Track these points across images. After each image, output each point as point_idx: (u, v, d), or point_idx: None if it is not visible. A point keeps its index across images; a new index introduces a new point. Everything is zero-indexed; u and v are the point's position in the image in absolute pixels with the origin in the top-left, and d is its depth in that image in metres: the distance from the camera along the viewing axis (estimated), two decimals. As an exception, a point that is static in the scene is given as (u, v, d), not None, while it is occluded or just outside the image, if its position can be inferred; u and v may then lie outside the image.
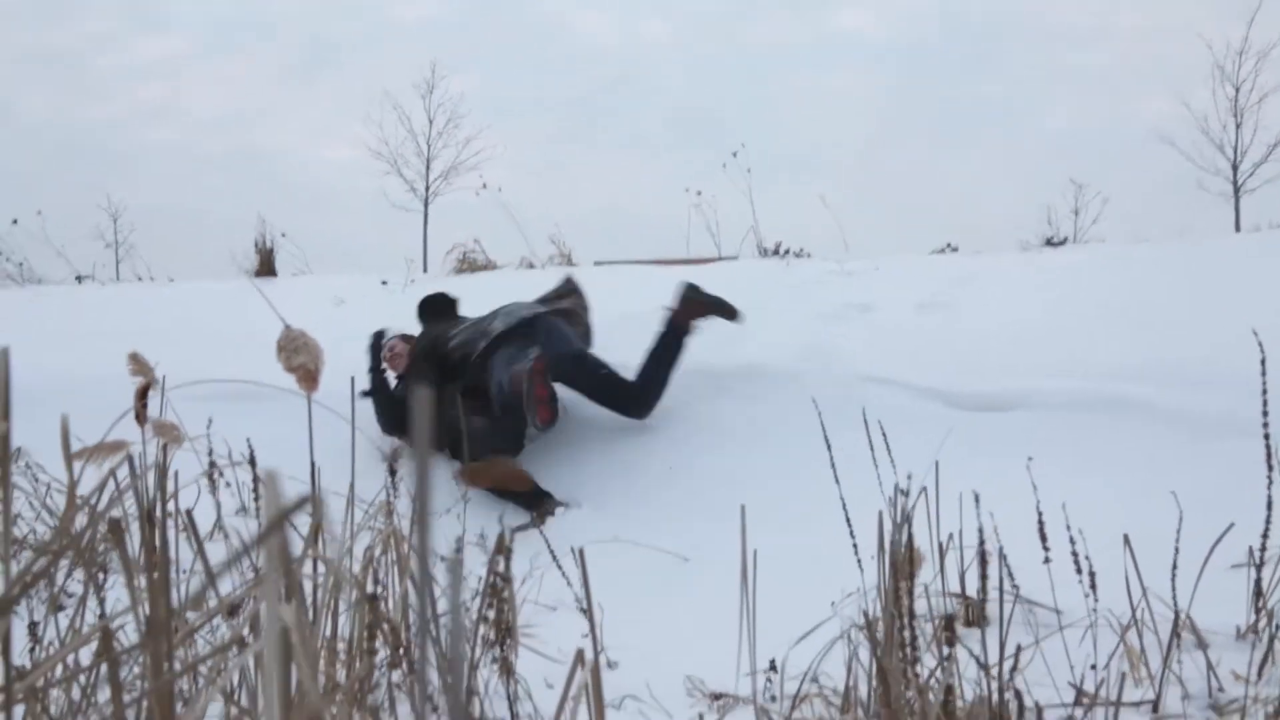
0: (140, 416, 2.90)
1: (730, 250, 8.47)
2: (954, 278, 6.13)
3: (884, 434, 2.82)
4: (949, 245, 8.05)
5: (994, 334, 5.04)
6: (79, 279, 8.93)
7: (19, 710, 1.24)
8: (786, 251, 7.63)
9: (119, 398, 4.13)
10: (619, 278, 7.11)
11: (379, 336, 5.10)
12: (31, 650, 1.82)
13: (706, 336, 5.29)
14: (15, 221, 8.74)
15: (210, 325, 6.48)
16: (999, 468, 3.32)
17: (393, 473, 2.85)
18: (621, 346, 5.15)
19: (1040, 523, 2.38)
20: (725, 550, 3.57)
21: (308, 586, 1.88)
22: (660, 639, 2.83)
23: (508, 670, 2.15)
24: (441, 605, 2.34)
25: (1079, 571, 2.38)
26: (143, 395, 3.12)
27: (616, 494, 4.08)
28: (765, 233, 8.12)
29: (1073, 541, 2.40)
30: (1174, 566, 2.27)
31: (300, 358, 1.38)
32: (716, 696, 2.39)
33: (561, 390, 4.58)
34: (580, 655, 1.23)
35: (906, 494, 2.24)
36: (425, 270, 9.13)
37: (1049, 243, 8.19)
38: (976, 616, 2.77)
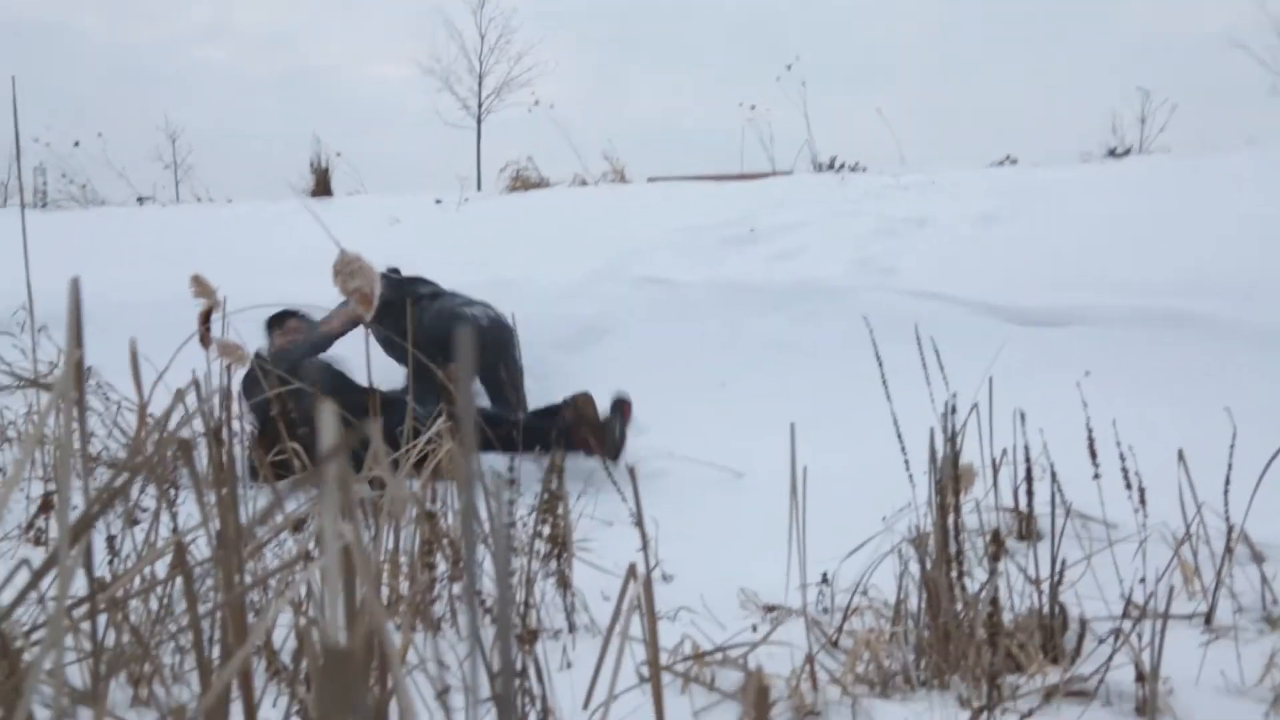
0: (204, 339, 2.97)
1: (784, 165, 8.37)
2: (1012, 190, 6.03)
3: (936, 351, 2.81)
4: (1008, 158, 7.88)
5: (1052, 248, 4.97)
6: (140, 200, 9.05)
7: (102, 620, 1.31)
8: (842, 166, 7.53)
9: (181, 318, 4.23)
10: (673, 194, 7.07)
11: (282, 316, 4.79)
12: (110, 563, 1.89)
13: (759, 251, 5.28)
14: (77, 144, 8.86)
15: (269, 246, 6.56)
16: (1054, 383, 3.31)
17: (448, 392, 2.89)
18: (676, 261, 5.16)
19: (1090, 439, 2.38)
20: (777, 465, 3.60)
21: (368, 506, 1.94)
22: (714, 553, 2.88)
23: (564, 583, 2.20)
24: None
25: (1129, 487, 2.38)
26: (206, 319, 3.19)
27: (670, 410, 4.10)
28: (820, 147, 8.02)
29: (1123, 457, 2.39)
30: (1227, 481, 2.26)
31: (356, 281, 1.41)
32: (769, 608, 2.44)
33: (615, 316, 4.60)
34: (633, 569, 1.26)
35: (955, 410, 2.25)
36: (479, 189, 9.12)
37: (1112, 153, 7.99)
38: (1028, 531, 2.79)
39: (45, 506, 2.67)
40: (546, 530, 2.16)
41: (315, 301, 5.05)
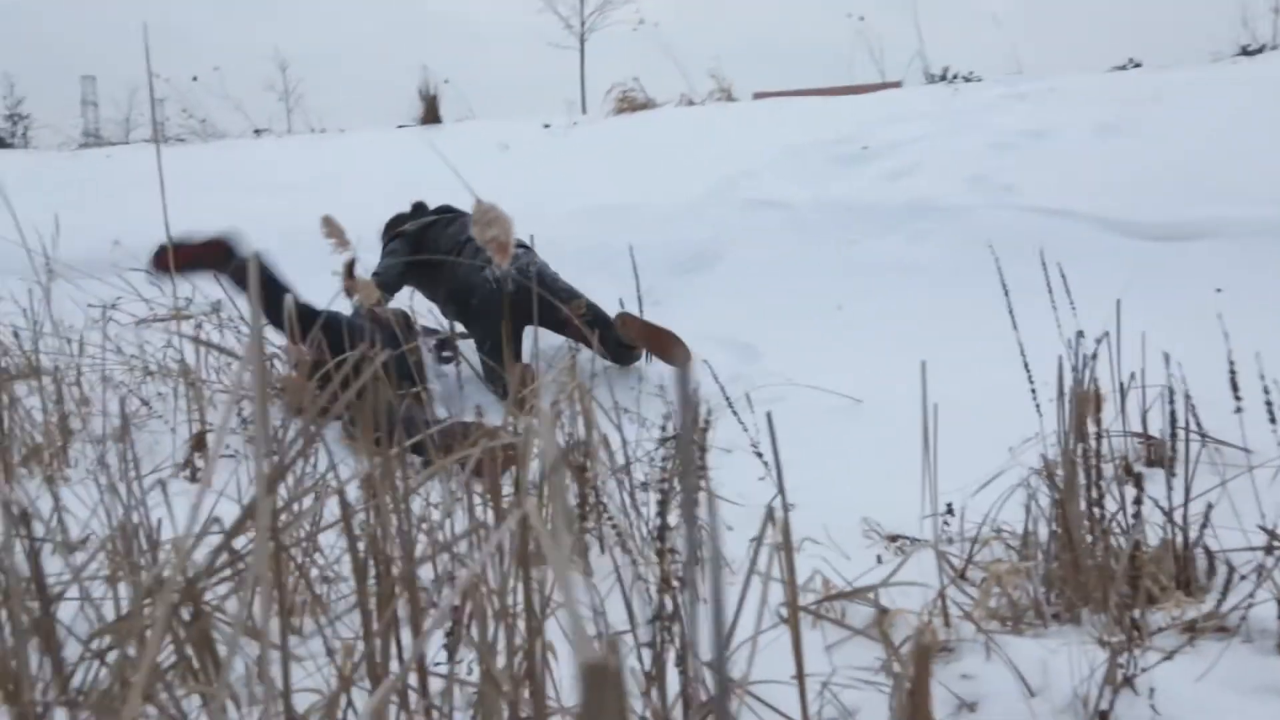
0: (350, 289, 3.05)
1: (894, 76, 8.17)
2: (1136, 97, 5.80)
3: (1063, 274, 2.76)
4: (1130, 61, 7.57)
5: (1180, 158, 4.79)
6: (257, 132, 9.25)
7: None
8: (955, 76, 7.32)
9: (306, 249, 4.35)
10: (781, 111, 6.97)
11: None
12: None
13: (872, 169, 5.18)
14: (195, 78, 9.06)
15: (383, 174, 6.65)
16: (1184, 300, 3.23)
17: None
18: (787, 182, 5.10)
19: (1231, 368, 2.31)
20: (896, 392, 3.58)
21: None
22: (834, 481, 2.88)
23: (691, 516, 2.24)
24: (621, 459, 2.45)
25: (1271, 412, 2.32)
26: (350, 269, 3.28)
27: (784, 335, 4.09)
28: (932, 56, 7.79)
29: (1263, 376, 2.32)
30: (1376, 406, 2.19)
31: (493, 230, 1.44)
32: (893, 538, 2.45)
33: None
34: (771, 513, 1.28)
35: (1083, 336, 2.21)
36: (584, 111, 9.10)
37: (1244, 51, 7.62)
38: (1159, 457, 2.74)
39: (199, 444, 2.79)
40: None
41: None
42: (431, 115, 8.59)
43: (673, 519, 2.03)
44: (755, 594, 1.38)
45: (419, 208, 4.62)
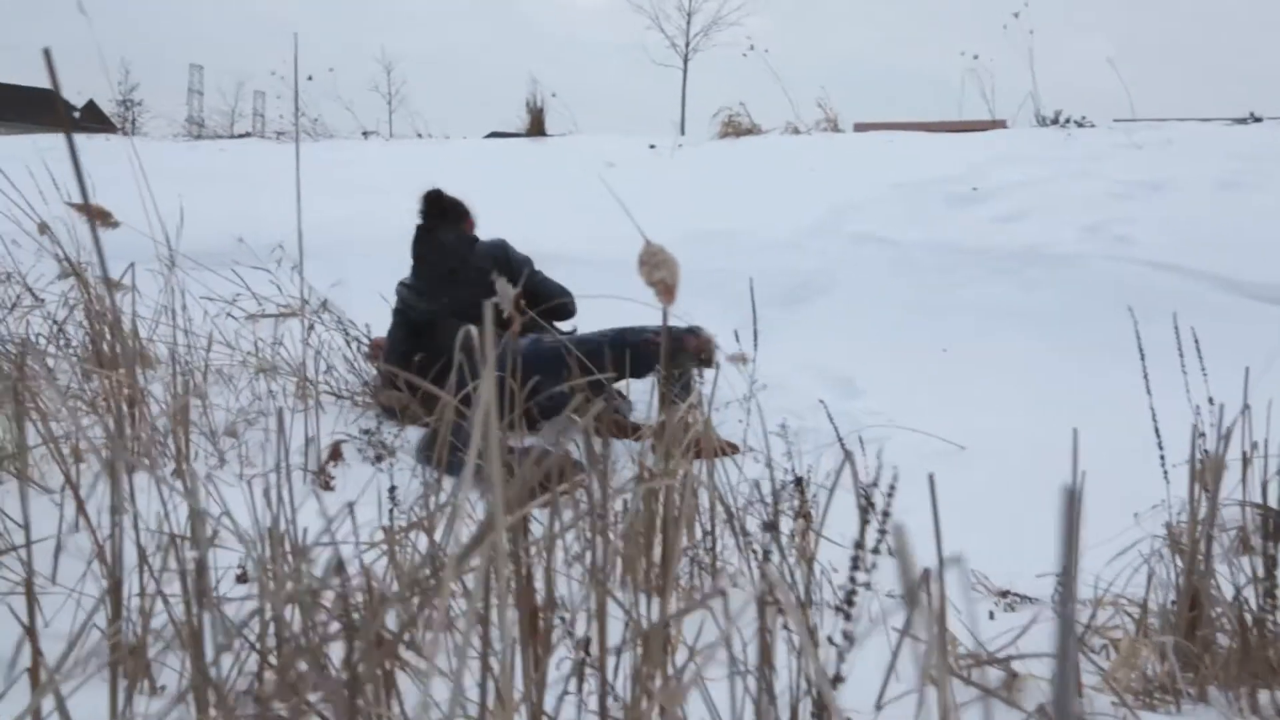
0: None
1: (1004, 114, 8.09)
2: (1257, 152, 5.67)
3: (1195, 337, 2.70)
4: (1251, 115, 7.40)
5: (1305, 218, 4.67)
6: (365, 134, 9.44)
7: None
8: (1067, 120, 7.22)
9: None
10: (889, 145, 6.93)
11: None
12: (390, 512, 2.02)
13: (982, 212, 5.13)
14: (310, 78, 9.27)
15: (492, 185, 6.74)
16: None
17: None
18: (895, 218, 5.06)
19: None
20: (1003, 440, 3.55)
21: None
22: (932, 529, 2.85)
23: (807, 557, 2.23)
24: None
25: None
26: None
27: (887, 373, 4.06)
28: (1044, 98, 7.69)
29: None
30: None
31: (660, 272, 1.44)
32: (1004, 594, 2.42)
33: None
34: (928, 574, 1.27)
35: (1213, 402, 2.17)
36: (683, 132, 9.14)
37: (1368, 112, 7.40)
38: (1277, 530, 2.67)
39: (335, 454, 2.85)
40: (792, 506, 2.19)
41: (534, 244, 5.17)
42: (537, 127, 8.70)
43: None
44: (879, 644, 1.38)
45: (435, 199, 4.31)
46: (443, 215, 4.28)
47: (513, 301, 1.49)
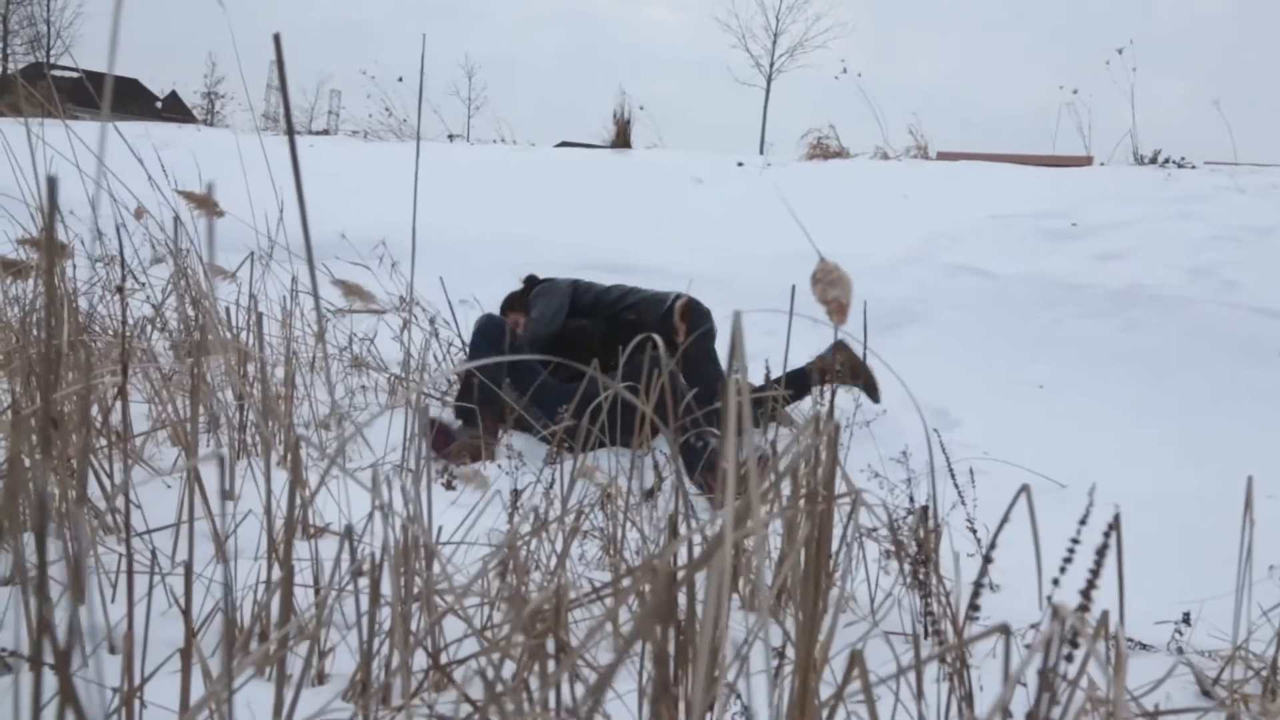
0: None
1: (1100, 153, 7.95)
2: (1370, 201, 5.52)
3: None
4: (1355, 163, 7.21)
5: None
6: (450, 138, 9.51)
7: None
8: (1166, 160, 7.07)
9: (495, 254, 4.37)
10: (981, 176, 6.84)
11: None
12: (510, 518, 2.02)
13: (1082, 248, 5.04)
14: (400, 79, 9.38)
15: (578, 195, 6.75)
16: None
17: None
18: (991, 250, 4.98)
19: None
20: (1103, 481, 3.46)
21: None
22: (1033, 566, 2.79)
23: (924, 589, 2.18)
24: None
25: None
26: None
27: (982, 406, 3.98)
28: (1142, 137, 7.54)
29: None
30: None
31: (834, 291, 1.43)
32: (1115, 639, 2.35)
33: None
34: (1105, 620, 1.23)
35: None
36: (761, 151, 9.11)
37: None
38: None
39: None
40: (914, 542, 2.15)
41: (622, 256, 5.16)
42: (623, 139, 8.71)
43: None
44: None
45: (531, 281, 4.20)
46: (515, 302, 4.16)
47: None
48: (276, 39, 0.86)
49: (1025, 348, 4.41)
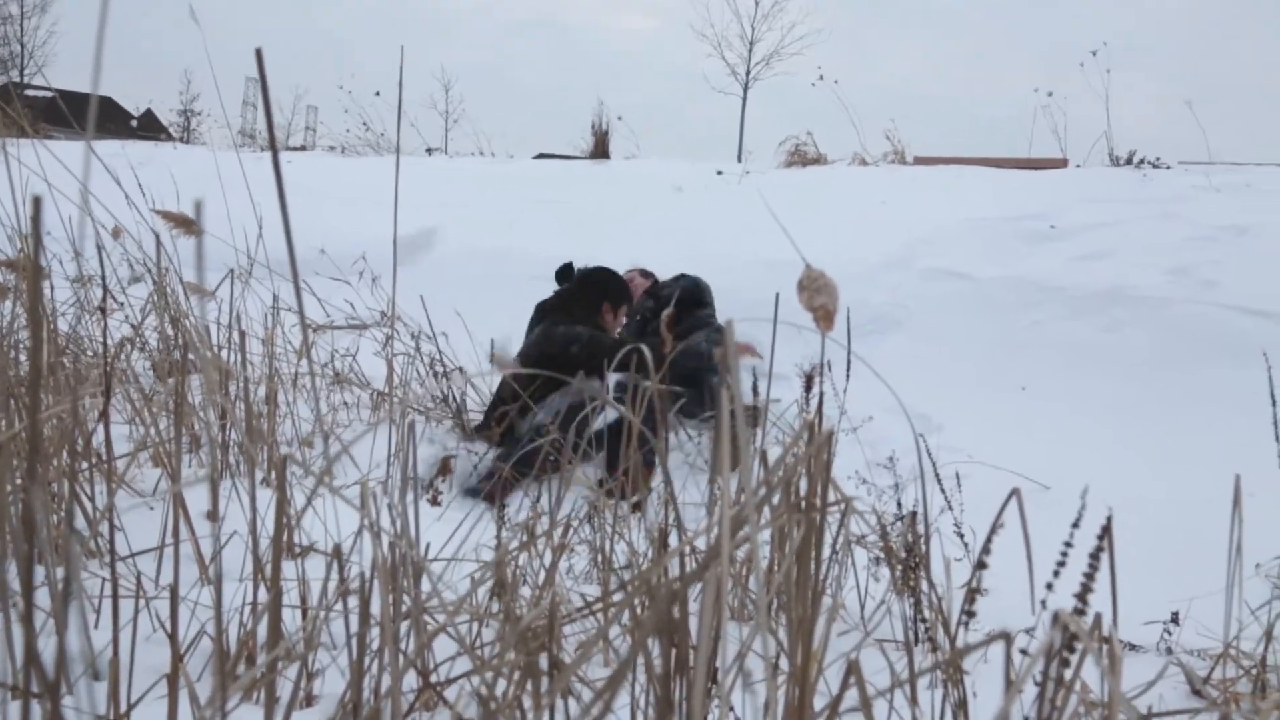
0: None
1: (1076, 155, 7.99)
2: (1343, 198, 5.56)
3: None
4: (1329, 160, 7.26)
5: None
6: (429, 151, 9.49)
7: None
8: (1142, 161, 7.11)
9: (484, 269, 4.35)
10: (958, 180, 6.86)
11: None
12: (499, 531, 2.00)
13: (1061, 250, 5.06)
14: (378, 93, 9.34)
15: (558, 207, 6.74)
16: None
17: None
18: (970, 253, 4.99)
19: None
20: (1087, 481, 3.47)
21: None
22: (1023, 569, 2.79)
23: (913, 592, 2.18)
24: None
25: None
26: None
27: (965, 409, 3.99)
28: (1117, 138, 7.59)
29: None
30: None
31: (821, 298, 1.41)
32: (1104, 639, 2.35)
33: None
34: (1099, 625, 1.23)
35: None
36: (739, 159, 9.12)
37: None
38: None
39: (444, 469, 2.84)
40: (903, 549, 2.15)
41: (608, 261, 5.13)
42: (601, 150, 8.71)
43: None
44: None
45: (566, 270, 4.36)
46: (575, 296, 4.22)
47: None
48: (258, 54, 0.85)
49: (1006, 350, 4.43)
